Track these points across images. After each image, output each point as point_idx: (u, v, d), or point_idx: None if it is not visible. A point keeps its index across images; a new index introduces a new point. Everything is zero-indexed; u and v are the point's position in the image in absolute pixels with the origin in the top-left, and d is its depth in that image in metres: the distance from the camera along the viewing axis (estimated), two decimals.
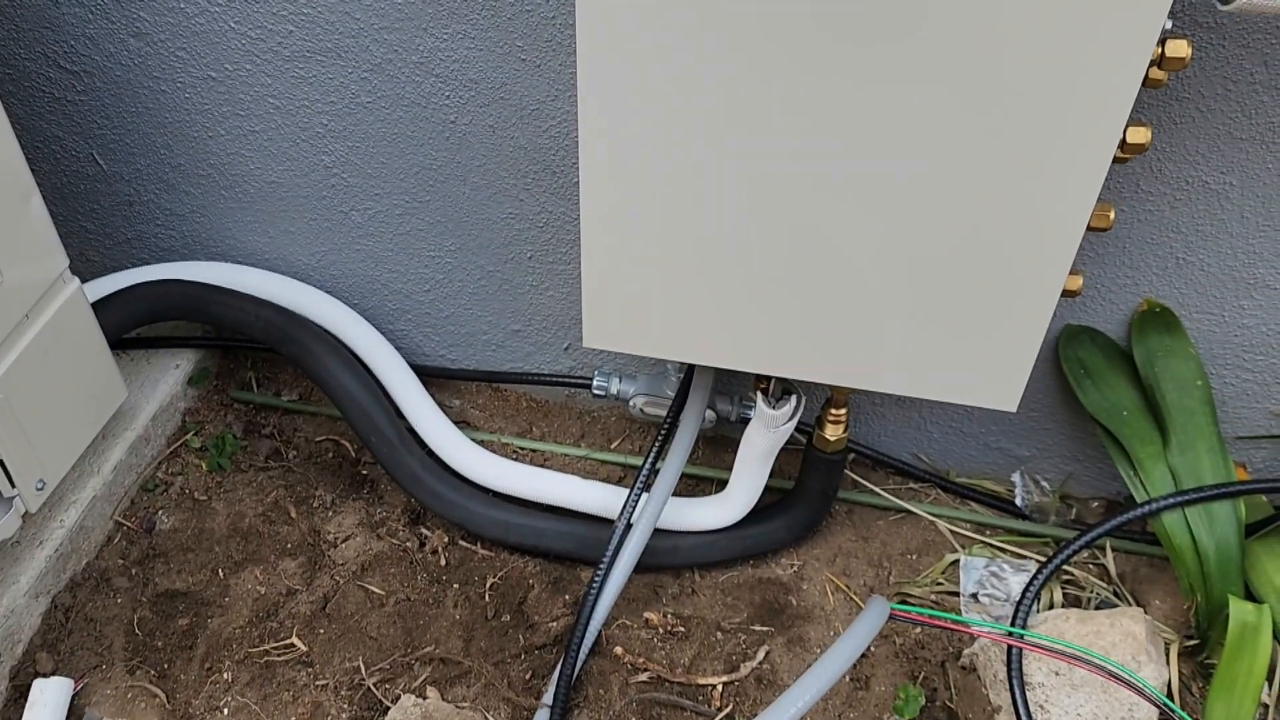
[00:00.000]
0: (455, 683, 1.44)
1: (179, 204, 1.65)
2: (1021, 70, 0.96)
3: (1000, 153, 1.02)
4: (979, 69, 0.97)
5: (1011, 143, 1.01)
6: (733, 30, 0.99)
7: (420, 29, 1.35)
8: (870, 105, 1.01)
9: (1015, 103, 0.98)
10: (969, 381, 1.21)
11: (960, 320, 1.15)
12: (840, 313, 1.17)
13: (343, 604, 1.52)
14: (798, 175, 1.08)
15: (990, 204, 1.05)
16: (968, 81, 0.98)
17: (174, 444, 1.72)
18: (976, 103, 0.99)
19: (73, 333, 1.42)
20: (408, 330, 1.73)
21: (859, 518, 1.67)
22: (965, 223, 1.07)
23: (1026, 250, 1.08)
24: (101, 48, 1.47)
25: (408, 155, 1.49)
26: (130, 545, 1.58)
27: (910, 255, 1.11)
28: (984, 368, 1.19)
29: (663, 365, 1.65)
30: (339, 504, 1.65)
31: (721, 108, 1.04)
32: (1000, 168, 1.02)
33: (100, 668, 1.44)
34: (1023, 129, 0.99)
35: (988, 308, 1.13)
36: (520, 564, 1.59)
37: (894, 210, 1.08)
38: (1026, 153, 1.01)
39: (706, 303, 1.21)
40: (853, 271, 1.13)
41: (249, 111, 1.49)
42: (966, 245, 1.08)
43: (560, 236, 1.54)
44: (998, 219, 1.06)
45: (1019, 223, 1.06)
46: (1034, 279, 1.10)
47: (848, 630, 1.19)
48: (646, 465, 1.48)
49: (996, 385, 1.21)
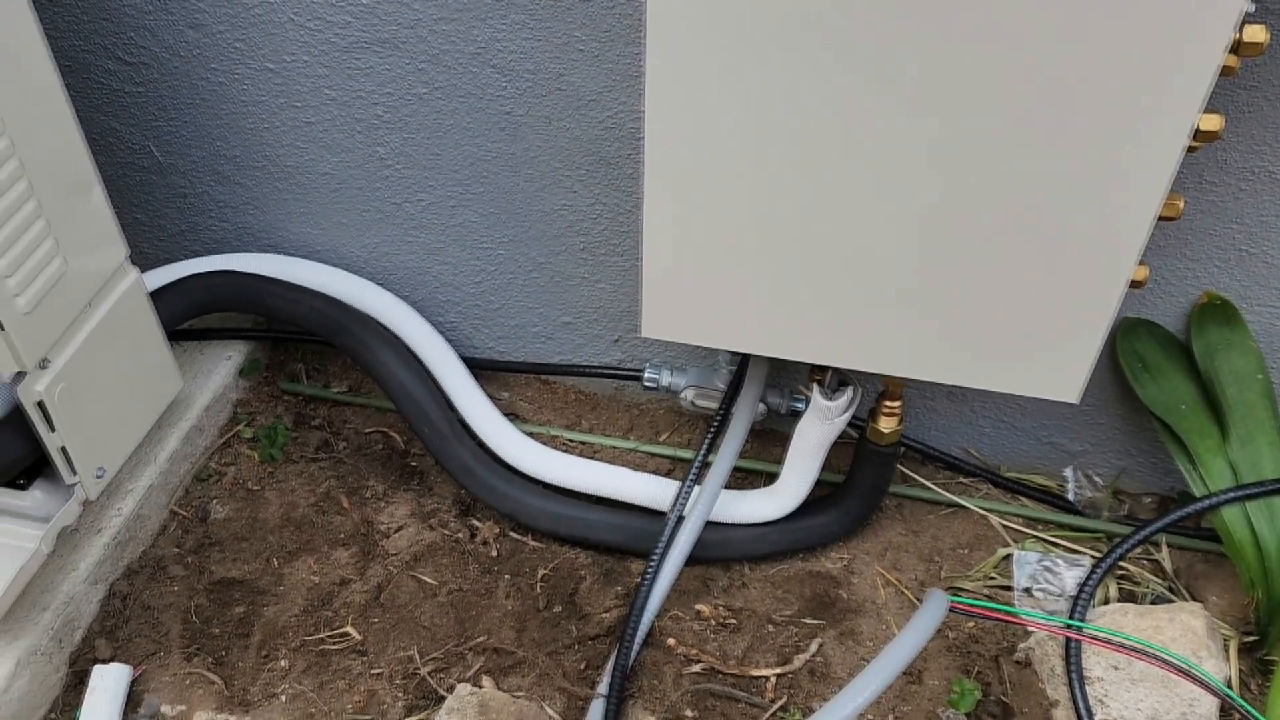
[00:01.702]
0: (509, 672, 1.45)
1: (232, 196, 1.66)
2: (1097, 52, 0.95)
3: (1072, 138, 1.01)
4: (1052, 52, 0.96)
5: (1084, 128, 1.00)
6: (801, 22, 0.99)
7: (478, 19, 1.35)
8: (937, 88, 1.01)
9: (1089, 86, 0.97)
10: (1031, 373, 1.20)
11: (1025, 311, 1.14)
12: (903, 303, 1.16)
13: (396, 594, 1.53)
14: (862, 165, 1.08)
15: (1060, 191, 1.04)
16: (1040, 65, 0.97)
17: (226, 434, 1.73)
18: (1049, 87, 0.98)
19: (132, 322, 1.44)
20: (457, 322, 1.73)
21: (909, 512, 1.66)
22: (1034, 211, 1.06)
23: (1095, 239, 1.07)
24: (160, 39, 1.48)
25: (462, 146, 1.49)
26: (185, 534, 1.60)
27: (977, 244, 1.10)
28: (1047, 359, 1.18)
29: (713, 358, 1.64)
30: (390, 495, 1.66)
31: (788, 99, 1.04)
32: (1072, 154, 1.01)
33: (158, 654, 1.46)
34: (1096, 113, 0.99)
35: (1054, 298, 1.12)
36: (571, 555, 1.59)
37: (961, 198, 1.08)
38: (1099, 138, 1.00)
39: (767, 294, 1.21)
40: (917, 261, 1.13)
41: (305, 103, 1.50)
42: (1034, 234, 1.08)
43: (613, 228, 1.54)
44: (1067, 207, 1.05)
45: (1089, 211, 1.05)
46: (1102, 268, 1.09)
47: (909, 624, 1.18)
48: (699, 458, 1.48)
49: (1059, 377, 1.20)
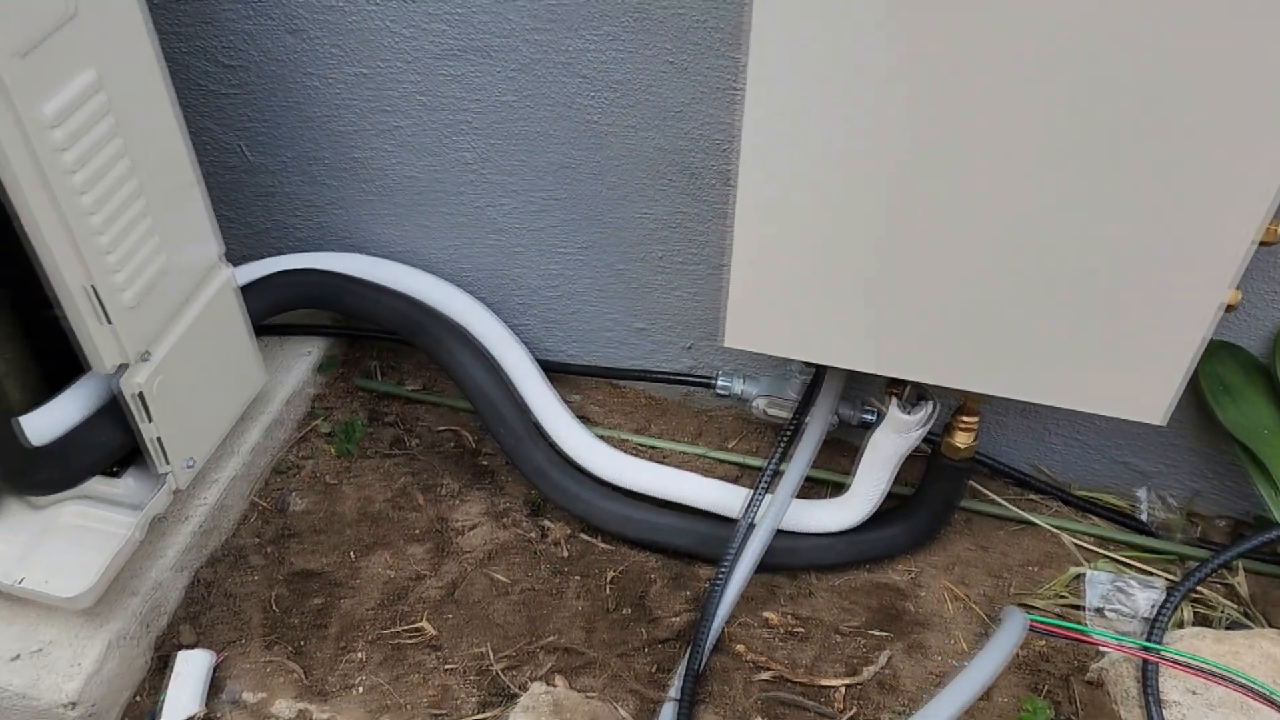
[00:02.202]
0: (580, 672, 1.47)
1: (318, 196, 1.70)
2: (1200, 78, 0.95)
3: (1176, 159, 1.01)
4: (1157, 73, 0.96)
5: (1186, 151, 1.00)
6: (905, 47, 1.00)
7: (570, 30, 1.37)
8: (1030, 110, 1.01)
9: (1196, 108, 0.97)
10: (1116, 393, 1.20)
11: (1115, 331, 1.14)
12: (993, 321, 1.17)
13: (469, 591, 1.56)
14: (953, 184, 1.09)
15: (1160, 213, 1.04)
16: (1144, 87, 0.97)
17: (304, 429, 1.77)
18: (1153, 108, 0.98)
19: (223, 317, 1.48)
20: (531, 325, 1.76)
21: (977, 527, 1.66)
22: (1131, 232, 1.06)
23: (1191, 262, 1.07)
24: (258, 43, 1.52)
25: (547, 153, 1.52)
26: (265, 524, 1.64)
27: (1070, 263, 1.10)
28: (1133, 380, 1.18)
29: (784, 367, 1.66)
30: (464, 493, 1.69)
31: (882, 120, 1.05)
32: (1174, 175, 1.02)
33: (239, 642, 1.50)
34: (1202, 136, 0.99)
35: (1144, 319, 1.12)
36: (640, 559, 1.61)
37: (1055, 219, 1.08)
38: (1201, 162, 1.00)
39: (851, 308, 1.22)
40: (1009, 280, 1.13)
41: (395, 108, 1.53)
42: (1130, 256, 1.08)
43: (691, 238, 1.56)
44: (1166, 229, 1.05)
45: (1187, 234, 1.05)
46: (1196, 291, 1.09)
47: (991, 642, 1.19)
48: (770, 466, 1.50)
49: (1144, 398, 1.20)
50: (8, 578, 1.34)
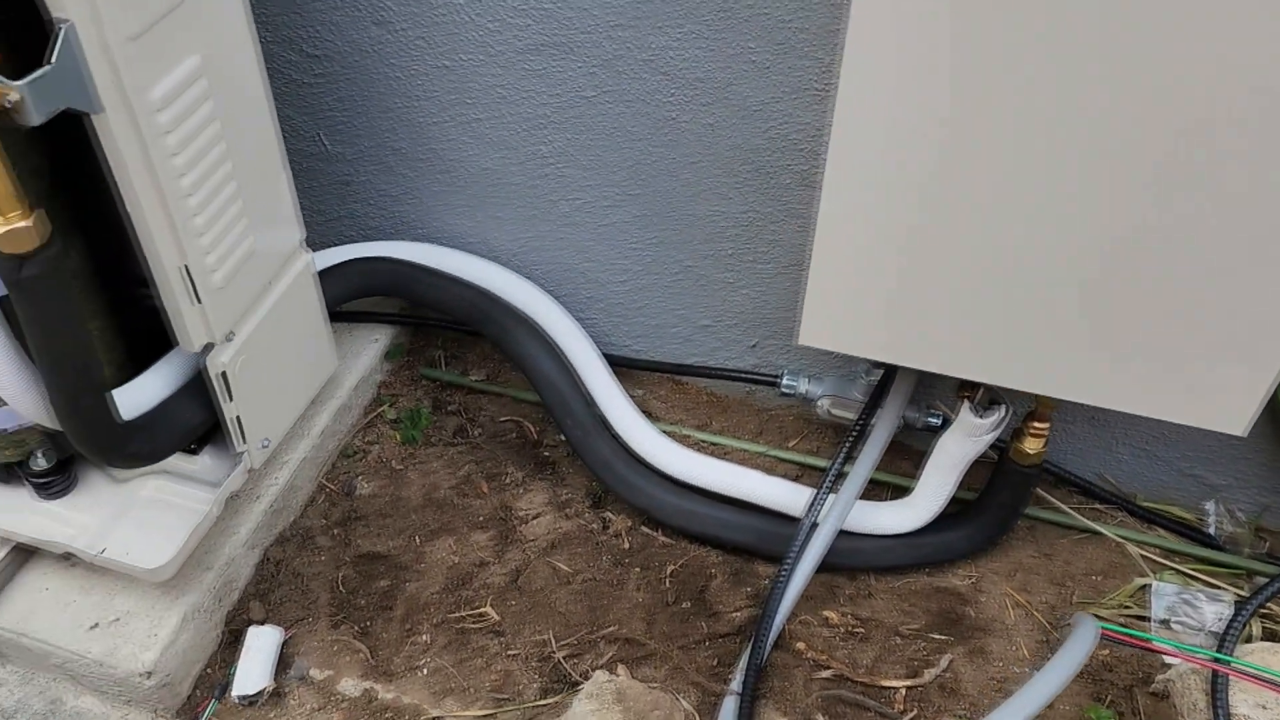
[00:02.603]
0: (641, 663, 1.48)
1: (393, 186, 1.73)
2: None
3: (1267, 172, 1.00)
4: (1259, 93, 0.96)
5: None
6: (1001, 54, 1.01)
7: (654, 27, 1.39)
8: (1137, 120, 1.01)
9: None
10: (1198, 403, 1.20)
11: (1201, 341, 1.14)
12: (1076, 326, 1.17)
13: (532, 579, 1.58)
14: (1048, 192, 1.09)
15: (1252, 223, 1.04)
16: (1247, 105, 0.97)
17: (370, 414, 1.80)
18: (1256, 122, 0.98)
19: (302, 302, 1.51)
20: (597, 319, 1.78)
21: (1040, 534, 1.66)
22: (1224, 241, 1.06)
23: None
24: (344, 34, 1.55)
25: (623, 149, 1.53)
26: (332, 506, 1.67)
27: (1161, 272, 1.10)
28: (1216, 390, 1.18)
29: (849, 368, 1.66)
30: (528, 482, 1.71)
31: (978, 123, 1.06)
32: (1267, 187, 1.01)
33: (306, 620, 1.52)
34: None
35: (1234, 329, 1.12)
36: (701, 554, 1.62)
37: (1150, 226, 1.08)
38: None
39: (931, 310, 1.22)
40: (1095, 286, 1.13)
41: (475, 100, 1.55)
42: (1223, 264, 1.07)
43: (762, 236, 1.57)
44: (1258, 238, 1.05)
45: None
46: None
47: (1062, 649, 1.19)
48: (835, 466, 1.50)
49: (1226, 409, 1.19)
50: (91, 548, 1.38)
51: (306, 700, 1.44)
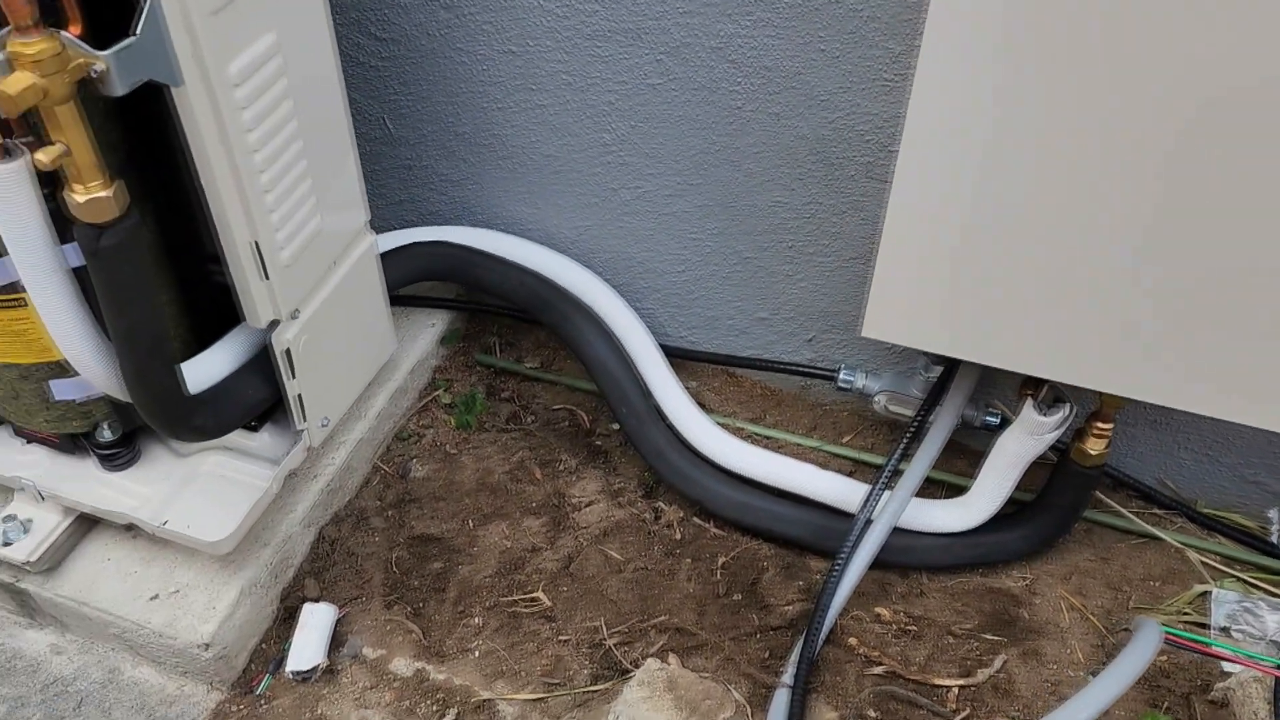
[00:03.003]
0: (692, 653, 1.48)
1: (454, 171, 1.73)
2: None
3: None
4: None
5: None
6: (1085, 45, 0.99)
7: (723, 14, 1.38)
8: (1208, 127, 0.99)
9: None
10: (1271, 405, 1.17)
11: (1276, 341, 1.11)
12: (1150, 324, 1.15)
13: (584, 565, 1.58)
14: (1125, 188, 1.07)
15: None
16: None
17: (424, 398, 1.81)
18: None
19: (364, 283, 1.52)
20: (653, 309, 1.77)
21: (1097, 538, 1.63)
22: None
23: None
24: (412, 17, 1.55)
25: (687, 138, 1.53)
26: (386, 488, 1.68)
27: (1235, 270, 1.08)
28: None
29: (908, 364, 1.65)
30: (581, 470, 1.71)
31: (1055, 118, 1.04)
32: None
33: (360, 599, 1.54)
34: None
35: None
36: (752, 546, 1.62)
37: (1225, 225, 1.06)
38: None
39: (999, 304, 1.21)
40: (1170, 284, 1.11)
41: (541, 86, 1.55)
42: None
43: (824, 229, 1.56)
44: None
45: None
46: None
47: (1124, 652, 1.17)
48: (891, 462, 1.49)
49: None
50: (154, 519, 1.39)
51: (359, 678, 1.45)
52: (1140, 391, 1.22)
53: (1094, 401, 1.40)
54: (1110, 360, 1.21)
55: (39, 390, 1.35)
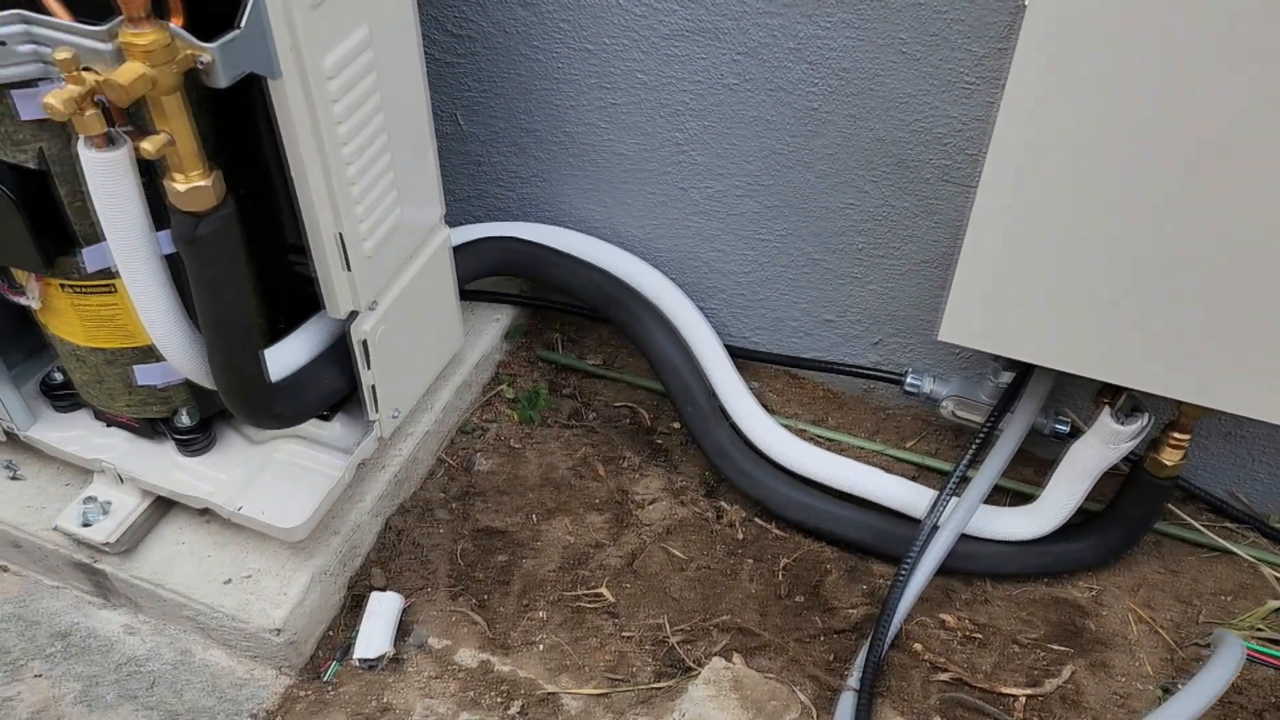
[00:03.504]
0: (756, 653, 1.48)
1: (524, 168, 1.75)
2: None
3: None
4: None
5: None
6: (1176, 57, 0.98)
7: (804, 15, 1.38)
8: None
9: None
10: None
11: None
12: (1233, 334, 1.14)
13: (647, 563, 1.58)
14: (1220, 197, 1.06)
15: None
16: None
17: (488, 393, 1.82)
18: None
19: (437, 276, 1.53)
20: (718, 309, 1.78)
21: (1167, 550, 1.62)
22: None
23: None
24: (490, 15, 1.57)
25: (760, 138, 1.53)
26: (450, 481, 1.69)
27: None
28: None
29: (977, 370, 1.64)
30: (644, 468, 1.72)
31: (1145, 126, 1.04)
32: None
33: (425, 589, 1.55)
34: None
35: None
36: (815, 549, 1.61)
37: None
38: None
39: (1082, 311, 1.20)
40: (1261, 295, 1.10)
41: (615, 85, 1.56)
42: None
43: (896, 232, 1.55)
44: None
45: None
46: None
47: (1207, 667, 1.15)
48: (960, 468, 1.48)
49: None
50: (229, 504, 1.42)
51: (424, 668, 1.46)
52: (1223, 402, 1.21)
53: (1172, 411, 1.38)
54: (1193, 370, 1.20)
55: (123, 375, 1.38)
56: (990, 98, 1.34)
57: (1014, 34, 1.15)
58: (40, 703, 1.44)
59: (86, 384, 1.42)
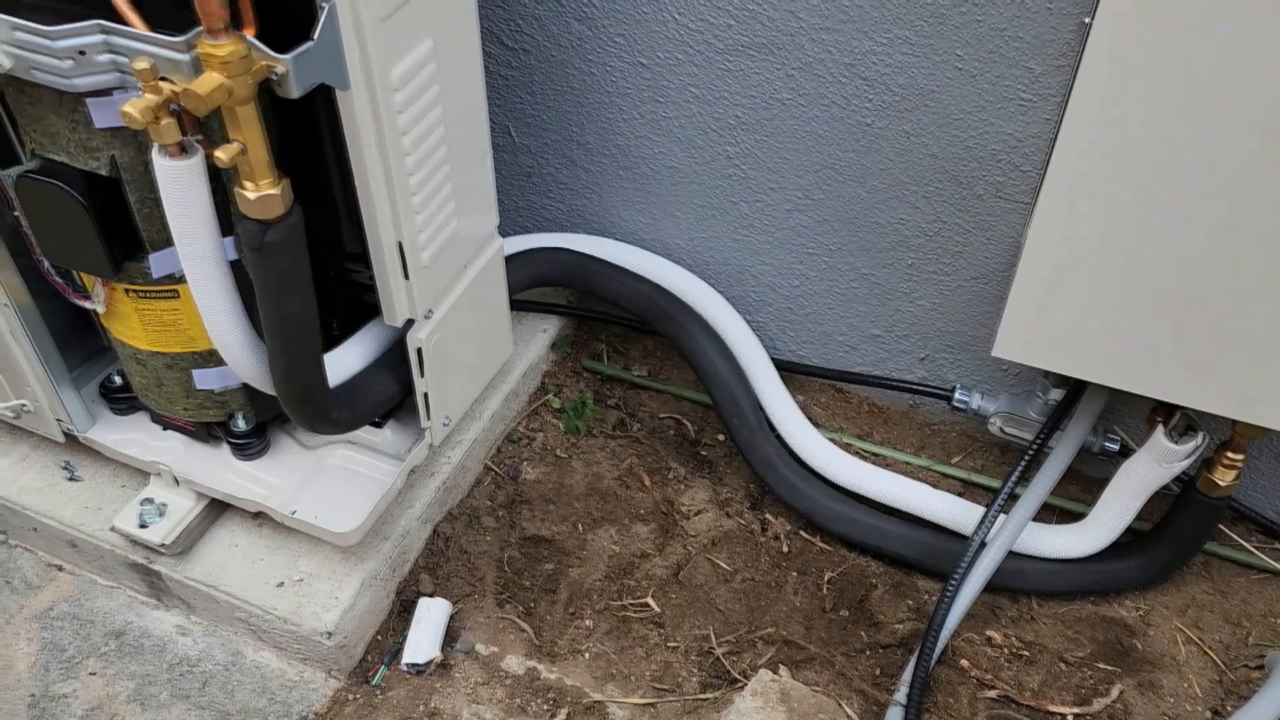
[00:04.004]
0: (802, 666, 1.48)
1: (575, 179, 1.76)
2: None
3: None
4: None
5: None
6: (1238, 84, 0.98)
7: (860, 32, 1.39)
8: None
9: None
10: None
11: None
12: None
13: (693, 574, 1.59)
14: (1267, 219, 1.06)
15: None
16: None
17: (534, 402, 1.83)
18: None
19: (490, 286, 1.55)
20: (765, 322, 1.78)
21: (1216, 570, 1.60)
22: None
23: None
24: (545, 28, 1.59)
25: (812, 153, 1.54)
26: (497, 489, 1.70)
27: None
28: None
29: (1026, 386, 1.63)
30: (690, 479, 1.72)
31: (1206, 145, 1.04)
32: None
33: (472, 596, 1.56)
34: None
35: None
36: (860, 563, 1.61)
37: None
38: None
39: (1139, 328, 1.20)
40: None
41: (668, 99, 1.58)
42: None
43: (947, 248, 1.56)
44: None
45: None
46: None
47: (1262, 690, 1.14)
48: (1008, 484, 1.47)
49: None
50: (283, 508, 1.44)
51: (472, 674, 1.47)
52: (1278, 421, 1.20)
53: (1226, 431, 1.38)
54: (1250, 388, 1.19)
55: (182, 379, 1.40)
56: (1047, 115, 1.34)
57: (1074, 52, 1.16)
58: (95, 700, 1.46)
59: (146, 387, 1.44)
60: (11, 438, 1.64)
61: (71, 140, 1.16)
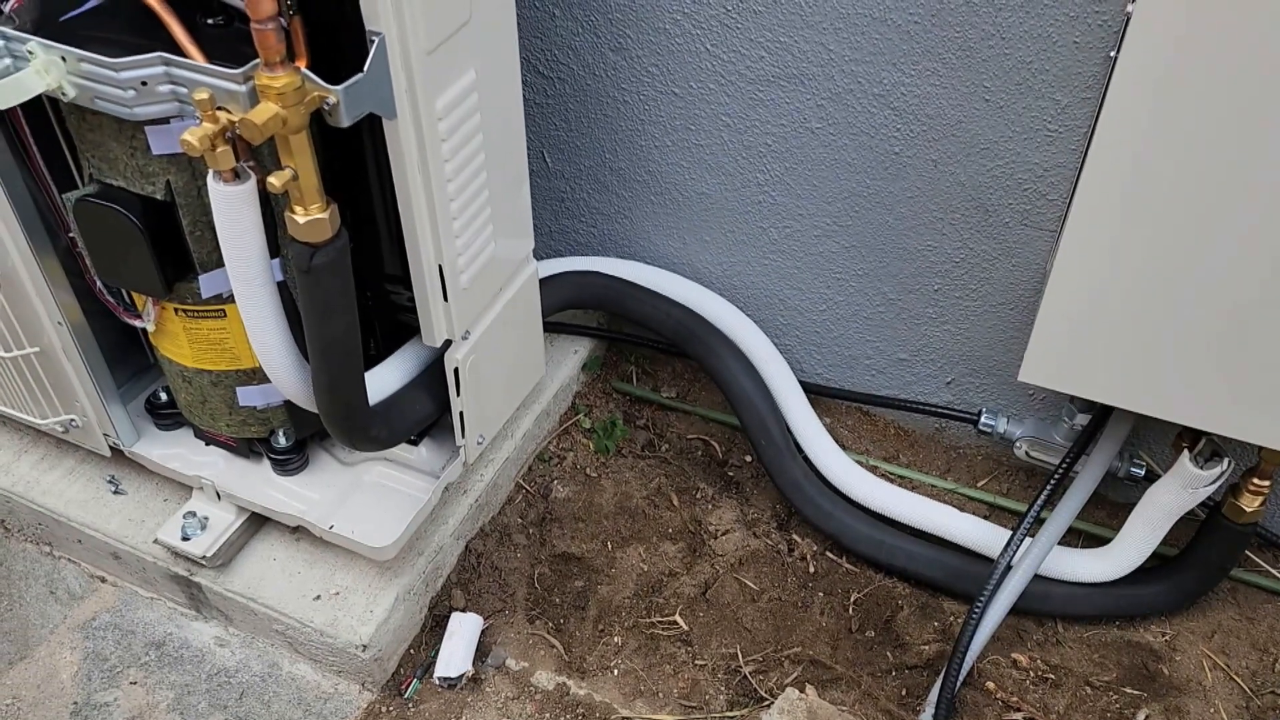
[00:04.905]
0: (828, 685, 1.49)
1: (607, 204, 1.80)
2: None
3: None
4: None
5: None
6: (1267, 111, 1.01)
7: (889, 63, 1.42)
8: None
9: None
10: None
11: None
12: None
13: (720, 593, 1.61)
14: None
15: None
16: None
17: (565, 422, 1.87)
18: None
19: (524, 308, 1.58)
20: (792, 345, 1.81)
21: (1243, 596, 1.61)
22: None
23: None
24: (581, 58, 1.63)
25: (841, 180, 1.57)
26: (528, 507, 1.74)
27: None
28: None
29: (1052, 411, 1.65)
30: (717, 499, 1.75)
31: (1234, 173, 1.06)
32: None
33: (503, 612, 1.59)
34: None
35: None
36: (887, 585, 1.63)
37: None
38: None
39: (1165, 354, 1.22)
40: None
41: (700, 127, 1.61)
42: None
43: (973, 274, 1.58)
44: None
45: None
46: None
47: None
48: (1034, 508, 1.49)
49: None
50: (322, 522, 1.47)
51: (503, 688, 1.50)
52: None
53: (1253, 457, 1.39)
54: (1277, 415, 1.21)
55: (226, 396, 1.44)
56: (1073, 145, 1.37)
57: (1100, 84, 1.19)
58: (136, 709, 1.50)
59: (190, 404, 1.48)
60: (59, 451, 1.68)
61: (129, 166, 1.20)
